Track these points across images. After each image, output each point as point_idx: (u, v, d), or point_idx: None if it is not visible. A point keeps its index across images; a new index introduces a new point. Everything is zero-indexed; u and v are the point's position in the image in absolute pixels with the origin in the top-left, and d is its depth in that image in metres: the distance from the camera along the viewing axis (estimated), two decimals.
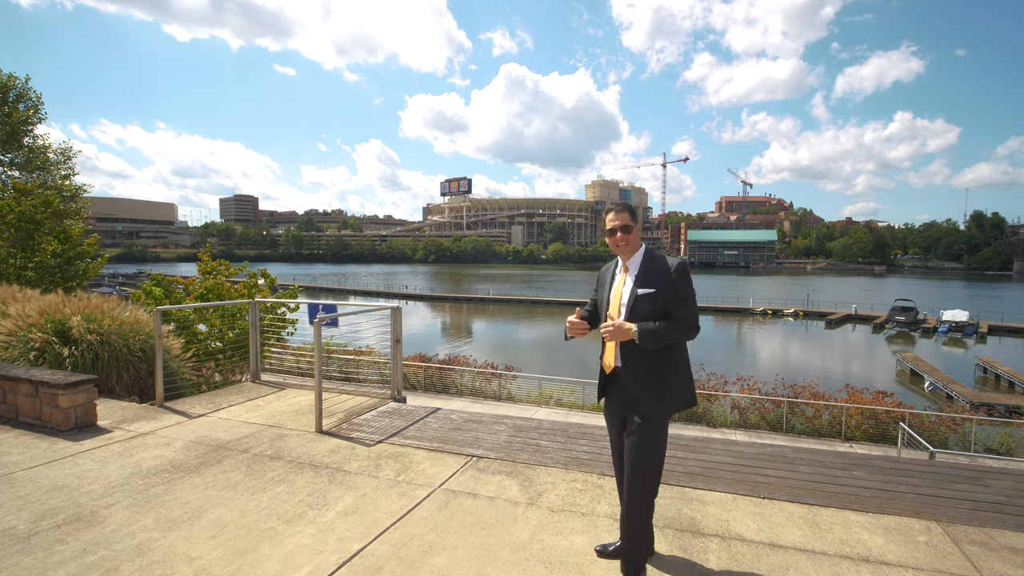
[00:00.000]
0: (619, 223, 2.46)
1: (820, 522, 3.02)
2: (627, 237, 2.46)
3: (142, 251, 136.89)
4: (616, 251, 2.50)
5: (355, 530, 2.83)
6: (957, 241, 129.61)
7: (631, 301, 2.40)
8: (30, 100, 16.16)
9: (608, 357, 2.50)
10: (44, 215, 11.63)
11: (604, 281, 2.59)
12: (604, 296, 2.53)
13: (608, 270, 2.62)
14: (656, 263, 2.43)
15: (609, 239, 2.50)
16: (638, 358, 2.39)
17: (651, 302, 2.37)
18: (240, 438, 4.25)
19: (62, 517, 2.95)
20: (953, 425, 11.61)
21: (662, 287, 2.37)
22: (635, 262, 2.48)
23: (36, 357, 5.46)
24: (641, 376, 2.39)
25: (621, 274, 2.51)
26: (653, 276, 2.40)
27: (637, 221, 2.49)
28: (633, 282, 2.43)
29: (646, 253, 2.48)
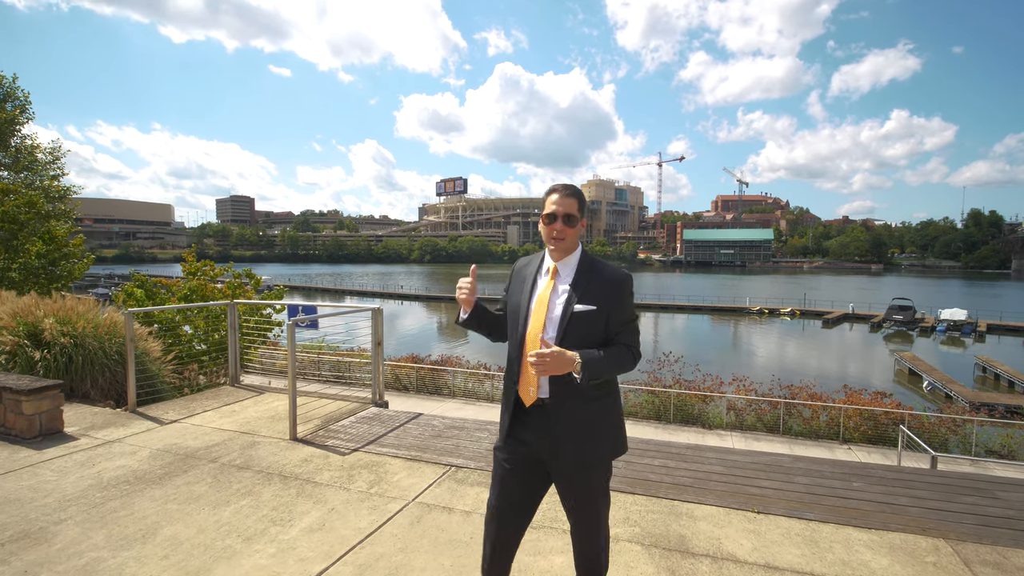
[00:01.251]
0: (562, 209, 1.86)
1: (819, 540, 2.82)
2: (568, 230, 1.87)
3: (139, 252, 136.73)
4: (550, 245, 1.91)
5: (318, 549, 2.64)
6: (954, 239, 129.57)
7: (564, 318, 1.83)
8: (17, 100, 15.95)
9: (527, 384, 1.87)
10: (28, 215, 11.45)
11: (522, 282, 1.97)
12: (522, 303, 1.91)
13: (528, 267, 2.00)
14: (597, 271, 1.89)
15: (545, 228, 1.90)
16: (568, 389, 1.83)
17: (590, 322, 1.83)
18: (210, 446, 4.06)
19: (9, 534, 2.76)
20: (953, 426, 11.45)
21: (605, 304, 1.84)
22: (569, 266, 1.91)
23: (7, 361, 5.27)
24: (575, 413, 1.85)
25: (548, 279, 1.91)
26: (595, 288, 1.85)
27: (584, 214, 1.92)
28: (567, 293, 1.85)
29: (583, 256, 1.92)
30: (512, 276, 2.04)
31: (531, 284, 1.93)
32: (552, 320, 1.84)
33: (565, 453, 1.84)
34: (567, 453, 1.84)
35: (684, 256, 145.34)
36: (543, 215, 1.91)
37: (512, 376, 1.92)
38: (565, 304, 1.84)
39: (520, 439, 1.92)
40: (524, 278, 1.97)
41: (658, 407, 12.84)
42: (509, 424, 1.93)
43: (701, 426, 12.42)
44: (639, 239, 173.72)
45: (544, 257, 1.98)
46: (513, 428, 1.93)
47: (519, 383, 1.89)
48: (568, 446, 1.84)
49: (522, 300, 1.92)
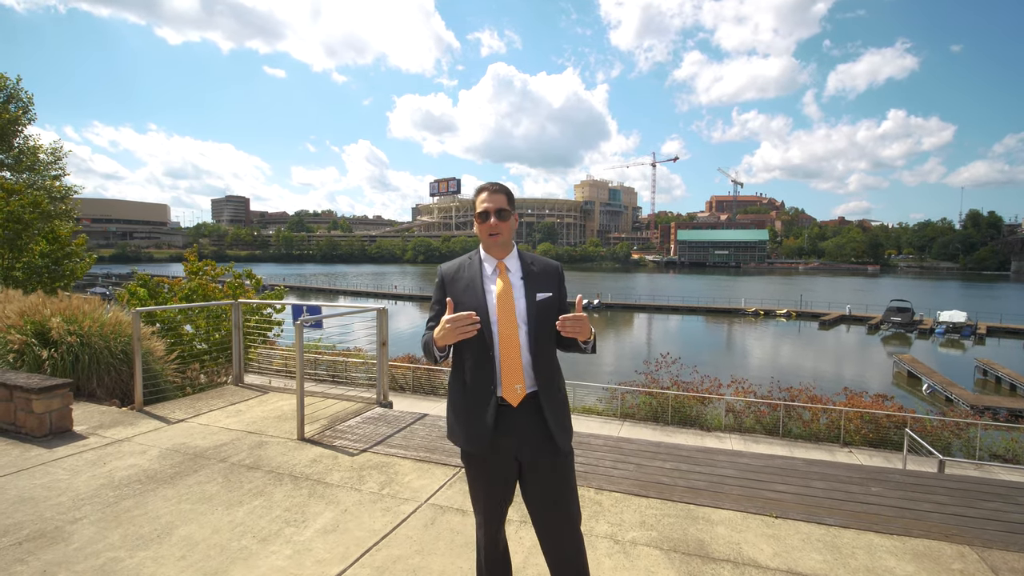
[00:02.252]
0: (493, 205, 1.90)
1: (841, 546, 2.80)
2: (503, 225, 1.91)
3: (136, 252, 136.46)
4: (488, 242, 1.94)
5: (335, 551, 2.66)
6: (953, 240, 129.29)
7: (532, 309, 1.88)
8: (20, 100, 15.96)
9: (512, 382, 1.85)
10: (32, 215, 11.50)
11: (467, 286, 1.93)
12: (480, 306, 1.87)
13: (465, 271, 1.97)
14: (538, 262, 2.00)
15: (480, 227, 1.94)
16: (552, 378, 1.93)
17: (550, 309, 1.91)
18: (219, 446, 4.08)
19: (26, 533, 2.79)
20: (957, 430, 11.42)
21: (556, 290, 1.96)
22: (514, 260, 1.97)
23: (15, 359, 5.29)
24: (555, 402, 1.92)
25: (500, 277, 1.92)
26: (543, 277, 1.95)
27: (514, 208, 1.97)
28: (523, 285, 1.91)
29: (520, 251, 2.02)
30: (445, 285, 1.98)
31: (480, 286, 1.91)
32: (520, 313, 1.87)
33: (561, 443, 1.89)
34: (563, 443, 1.89)
35: (678, 257, 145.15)
36: (476, 215, 1.95)
37: (487, 379, 1.88)
38: (527, 296, 1.89)
39: (500, 442, 1.88)
40: (466, 284, 1.94)
41: (656, 408, 12.85)
42: (493, 427, 1.86)
43: (699, 428, 12.43)
44: (633, 240, 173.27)
45: (481, 259, 1.97)
46: (496, 431, 1.87)
47: (501, 384, 1.86)
48: (561, 436, 1.89)
49: (478, 306, 1.87)
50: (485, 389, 1.87)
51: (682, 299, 51.91)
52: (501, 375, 1.86)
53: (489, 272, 1.94)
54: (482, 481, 1.95)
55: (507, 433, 1.88)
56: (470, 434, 1.89)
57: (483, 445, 1.87)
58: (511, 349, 1.86)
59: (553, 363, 1.97)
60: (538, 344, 1.89)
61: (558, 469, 1.91)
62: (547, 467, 1.89)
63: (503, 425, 1.87)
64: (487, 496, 1.95)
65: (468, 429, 1.90)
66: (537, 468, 1.90)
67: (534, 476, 1.90)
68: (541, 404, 1.88)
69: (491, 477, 1.93)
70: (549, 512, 1.91)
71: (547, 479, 1.90)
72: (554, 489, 1.90)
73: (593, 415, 13.19)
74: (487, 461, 1.91)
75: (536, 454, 1.88)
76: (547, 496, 1.90)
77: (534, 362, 1.88)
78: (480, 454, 1.91)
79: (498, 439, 1.87)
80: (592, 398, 14.55)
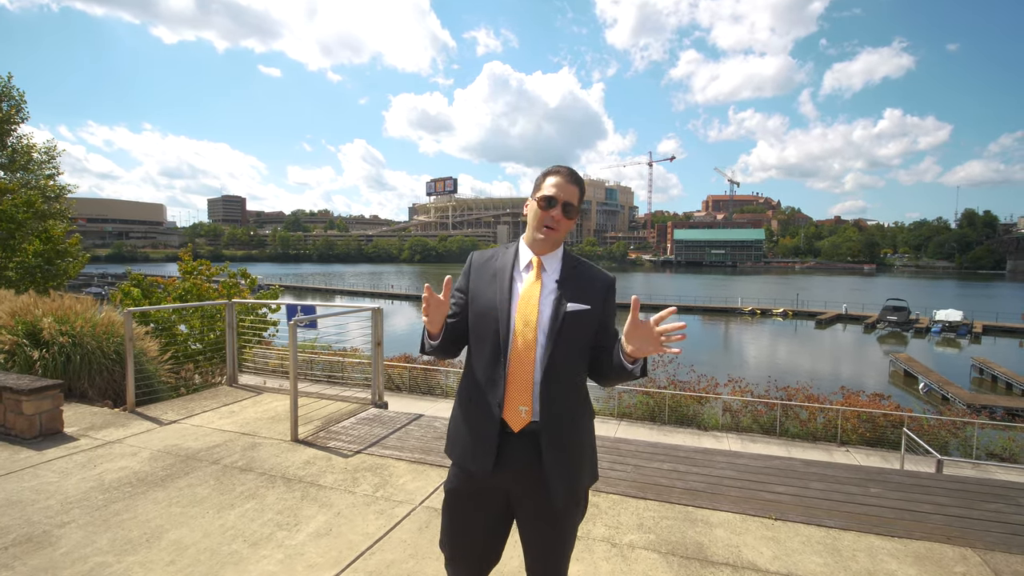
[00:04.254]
0: (564, 195, 1.60)
1: (842, 548, 2.77)
2: (565, 222, 1.61)
3: (131, 251, 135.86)
4: (538, 234, 1.62)
5: (327, 555, 2.62)
6: (948, 240, 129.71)
7: (557, 319, 1.56)
8: (12, 99, 15.84)
9: (517, 403, 1.56)
10: (26, 215, 11.42)
11: (492, 278, 1.65)
12: (500, 304, 1.60)
13: (496, 261, 1.68)
14: (586, 268, 1.67)
15: (539, 213, 1.61)
16: (562, 409, 1.59)
17: (582, 325, 1.59)
18: (211, 447, 4.03)
19: (12, 537, 2.73)
20: (954, 429, 11.43)
21: (599, 305, 1.62)
22: (554, 261, 1.66)
23: (6, 360, 5.23)
24: (566, 436, 1.59)
25: (533, 275, 1.62)
26: (585, 286, 1.62)
27: (580, 207, 1.66)
28: (556, 290, 1.60)
29: (567, 252, 1.70)
30: (471, 272, 1.69)
31: (508, 281, 1.62)
32: (542, 322, 1.57)
33: (556, 488, 1.55)
34: (557, 487, 1.55)
35: (674, 256, 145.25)
36: (539, 198, 1.61)
37: (491, 395, 1.57)
38: (556, 303, 1.58)
39: (498, 475, 1.58)
40: (494, 274, 1.65)
41: (652, 408, 12.85)
42: (497, 455, 1.56)
43: (696, 427, 12.43)
44: (629, 239, 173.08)
45: (519, 250, 1.68)
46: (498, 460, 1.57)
47: (504, 403, 1.56)
48: (559, 478, 1.56)
49: (498, 300, 1.60)
50: (490, 405, 1.58)
51: (679, 298, 51.96)
52: (507, 392, 1.56)
53: (523, 266, 1.65)
54: (459, 523, 1.65)
55: (504, 464, 1.57)
56: (471, 453, 1.61)
57: (481, 470, 1.57)
58: (523, 362, 1.56)
59: (574, 392, 1.63)
60: (555, 362, 1.56)
61: (557, 524, 1.60)
62: (540, 514, 1.60)
63: (503, 453, 1.58)
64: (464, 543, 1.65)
65: (468, 447, 1.62)
66: (529, 513, 1.61)
67: (526, 520, 1.63)
68: (541, 442, 1.55)
69: (477, 510, 1.63)
70: (536, 561, 1.66)
71: (540, 526, 1.61)
72: (543, 540, 1.62)
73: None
74: (477, 491, 1.62)
75: (529, 496, 1.59)
76: (535, 546, 1.63)
77: (546, 383, 1.56)
78: (465, 482, 1.62)
79: (496, 468, 1.58)
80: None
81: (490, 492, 1.62)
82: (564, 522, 1.61)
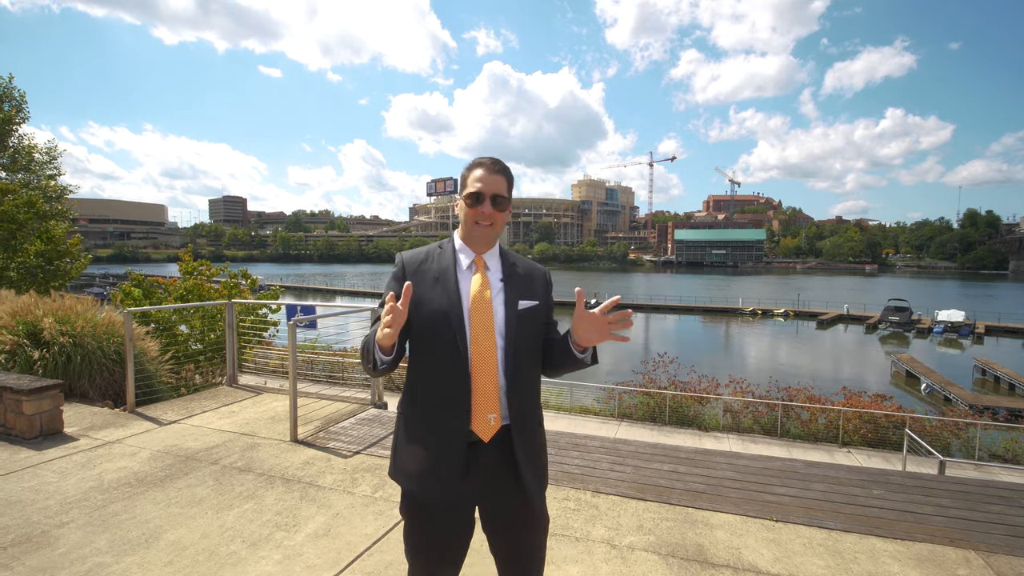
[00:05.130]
0: (491, 188, 1.53)
1: (843, 550, 2.76)
2: (498, 215, 1.55)
3: (133, 252, 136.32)
4: (473, 232, 1.56)
5: (326, 556, 2.61)
6: (951, 240, 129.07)
7: (512, 318, 1.53)
8: (14, 100, 15.88)
9: (485, 411, 1.49)
10: (27, 215, 11.45)
11: (434, 281, 1.55)
12: (451, 309, 1.50)
13: (433, 263, 1.58)
14: (522, 262, 1.65)
15: (468, 211, 1.55)
16: (532, 410, 1.59)
17: (535, 320, 1.58)
18: (210, 447, 4.03)
19: (11, 537, 2.73)
20: (956, 430, 11.36)
21: (544, 298, 1.62)
22: (494, 257, 1.62)
23: (6, 360, 5.24)
24: (533, 438, 1.59)
25: (477, 273, 1.56)
26: (529, 282, 1.61)
27: (511, 195, 1.61)
28: (503, 287, 1.56)
29: (501, 249, 1.67)
30: (406, 276, 1.56)
31: (454, 283, 1.53)
32: (498, 324, 1.51)
33: (533, 492, 1.55)
34: (535, 492, 1.56)
35: (675, 256, 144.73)
36: (465, 195, 1.56)
37: (455, 408, 1.49)
38: (507, 302, 1.54)
39: (462, 488, 1.51)
40: (436, 277, 1.55)
41: (653, 408, 12.82)
42: (462, 469, 1.50)
43: (697, 428, 12.40)
44: (630, 239, 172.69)
45: (455, 250, 1.60)
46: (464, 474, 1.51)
47: (471, 413, 1.49)
48: (534, 484, 1.55)
49: (449, 305, 1.50)
50: (454, 418, 1.49)
51: (679, 299, 51.89)
52: (473, 401, 1.49)
53: (464, 266, 1.57)
54: (427, 536, 1.57)
55: (472, 475, 1.51)
56: (432, 475, 1.50)
57: (447, 490, 1.49)
58: (486, 368, 1.49)
59: (535, 390, 1.64)
60: (516, 364, 1.53)
61: (529, 524, 1.60)
62: (515, 520, 1.58)
63: (469, 465, 1.51)
64: (435, 555, 1.57)
65: (429, 469, 1.50)
66: (502, 520, 1.59)
67: (499, 527, 1.60)
68: (514, 442, 1.52)
69: (442, 530, 1.55)
70: (512, 566, 1.64)
71: (513, 532, 1.60)
72: (520, 544, 1.60)
73: (590, 415, 13.14)
74: (440, 510, 1.53)
75: (503, 504, 1.57)
76: (511, 552, 1.62)
77: (510, 387, 1.52)
78: (433, 497, 1.51)
79: (462, 482, 1.51)
80: (589, 398, 14.51)
81: (455, 508, 1.54)
82: (532, 520, 1.60)
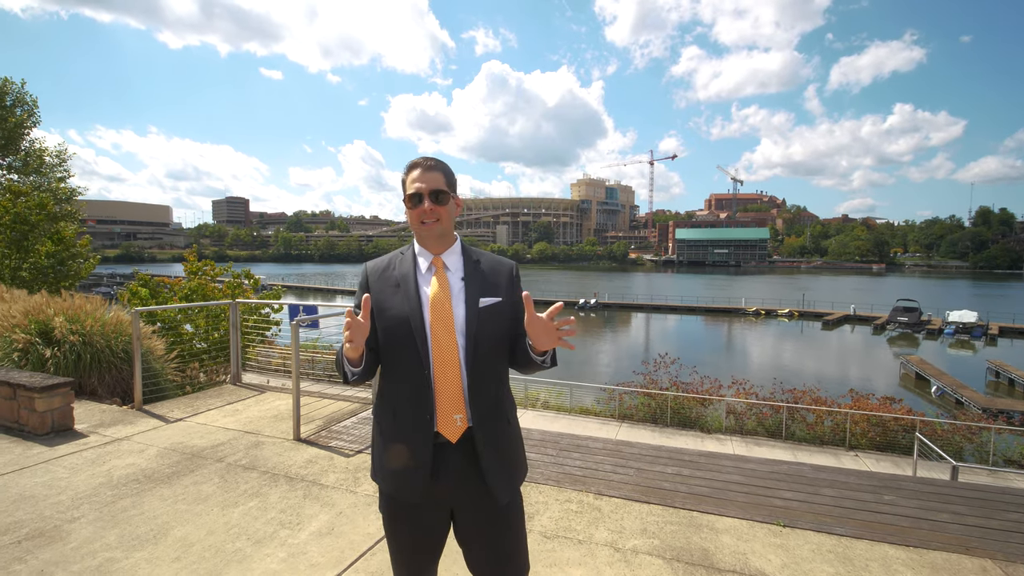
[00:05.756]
0: (427, 186, 1.54)
1: (854, 557, 2.70)
2: (440, 210, 1.56)
3: (139, 252, 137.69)
4: (422, 232, 1.57)
5: (329, 554, 2.66)
6: (962, 238, 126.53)
7: (474, 317, 1.53)
8: (25, 104, 16.13)
9: (450, 412, 1.52)
10: (39, 217, 11.65)
11: (395, 288, 1.58)
12: (412, 314, 1.53)
13: (394, 269, 1.62)
14: (485, 258, 1.64)
15: (411, 212, 1.57)
16: (493, 410, 1.58)
17: (498, 318, 1.56)
18: (216, 445, 4.10)
19: (25, 532, 2.81)
20: (968, 434, 11.12)
21: (508, 294, 1.59)
22: (454, 255, 1.62)
23: (19, 358, 5.35)
24: (499, 437, 1.58)
25: (436, 275, 1.58)
26: (491, 278, 1.60)
27: (454, 189, 1.62)
28: (464, 287, 1.57)
29: (463, 244, 1.68)
30: (369, 285, 1.61)
31: (414, 287, 1.56)
32: (458, 323, 1.52)
33: (501, 493, 1.54)
34: (503, 493, 1.55)
35: (676, 256, 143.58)
36: (406, 197, 1.57)
37: (420, 409, 1.51)
38: (468, 301, 1.54)
39: (434, 488, 1.53)
40: (397, 283, 1.58)
41: (655, 410, 12.77)
42: (432, 470, 1.51)
43: (700, 430, 12.33)
44: (630, 239, 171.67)
45: (415, 253, 1.62)
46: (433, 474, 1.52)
47: (436, 415, 1.51)
48: (502, 484, 1.55)
49: (409, 309, 1.53)
50: (420, 420, 1.52)
51: (681, 299, 51.65)
52: (437, 402, 1.51)
53: (424, 270, 1.59)
54: (405, 535, 1.60)
55: (442, 478, 1.53)
56: (402, 477, 1.54)
57: (417, 491, 1.52)
58: (448, 369, 1.51)
59: (501, 388, 1.62)
60: (479, 363, 1.53)
61: (501, 521, 1.58)
62: (488, 520, 1.57)
63: (439, 467, 1.53)
64: (412, 551, 1.61)
65: (400, 471, 1.54)
66: (475, 521, 1.58)
67: (472, 530, 1.59)
68: (476, 442, 1.53)
69: (419, 529, 1.59)
70: (492, 569, 1.62)
71: (488, 533, 1.58)
72: (497, 545, 1.59)
73: (591, 416, 13.14)
74: (416, 509, 1.56)
75: (474, 504, 1.56)
76: (490, 553, 1.60)
77: (474, 386, 1.53)
78: (408, 501, 1.55)
79: (432, 484, 1.53)
80: (590, 399, 14.50)
81: (430, 509, 1.57)
82: (511, 518, 1.60)
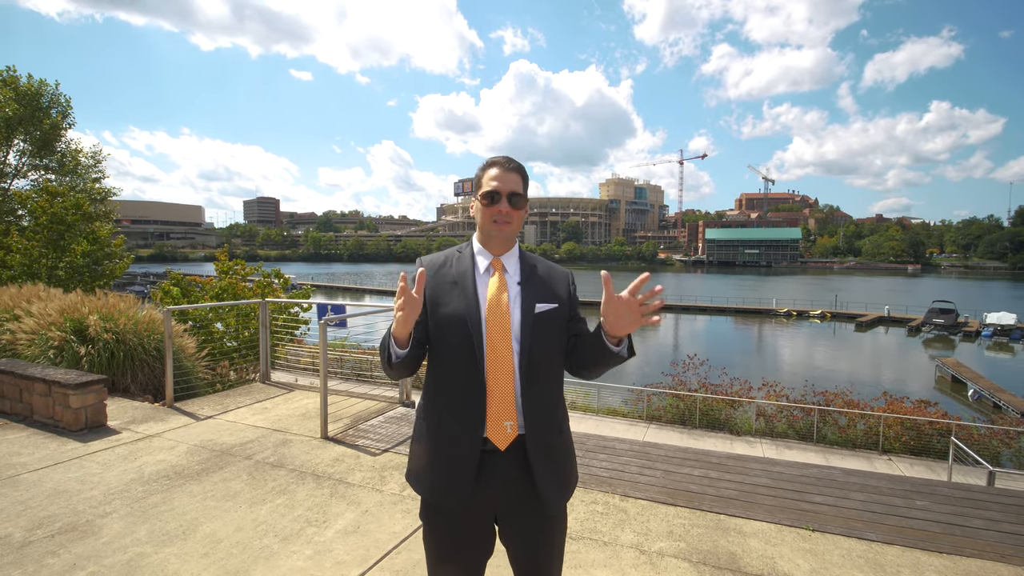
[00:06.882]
0: (506, 187, 1.50)
1: (885, 563, 2.63)
2: (515, 213, 1.51)
3: (172, 251, 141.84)
4: (491, 232, 1.52)
5: (355, 552, 2.64)
6: (1000, 238, 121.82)
7: (528, 322, 1.47)
8: (60, 106, 16.72)
9: (501, 418, 1.45)
10: (75, 217, 12.01)
11: (452, 286, 1.51)
12: (468, 313, 1.46)
13: (451, 267, 1.55)
14: (542, 264, 1.60)
15: (484, 210, 1.52)
16: (546, 418, 1.51)
17: (554, 324, 1.51)
18: (244, 443, 4.13)
19: (58, 526, 2.85)
20: (1006, 439, 10.75)
21: (565, 301, 1.55)
22: (512, 259, 1.57)
23: (55, 355, 5.51)
24: (553, 445, 1.52)
25: (494, 276, 1.52)
26: (548, 282, 1.56)
27: (527, 193, 1.57)
28: (520, 291, 1.51)
29: (521, 251, 1.62)
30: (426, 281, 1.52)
31: (472, 286, 1.50)
32: (515, 328, 1.47)
33: (553, 504, 1.49)
34: (555, 503, 1.50)
35: (706, 256, 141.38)
36: (480, 195, 1.52)
37: (471, 414, 1.45)
38: (524, 305, 1.49)
39: (478, 496, 1.46)
40: (454, 280, 1.52)
41: (683, 411, 12.57)
42: (476, 477, 1.45)
43: (728, 432, 12.09)
44: (659, 239, 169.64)
45: (474, 252, 1.57)
46: (477, 481, 1.46)
47: (487, 421, 1.44)
48: (554, 495, 1.49)
49: (466, 308, 1.47)
50: (469, 425, 1.45)
51: (710, 299, 50.76)
52: (488, 407, 1.44)
53: (482, 269, 1.54)
54: (447, 544, 1.51)
55: (489, 485, 1.46)
56: (443, 483, 1.47)
57: (462, 498, 1.45)
58: (501, 373, 1.44)
59: (555, 396, 1.57)
60: (533, 370, 1.48)
61: (546, 533, 1.53)
62: (533, 530, 1.52)
63: (485, 474, 1.46)
64: (454, 563, 1.52)
65: (440, 476, 1.47)
66: (520, 530, 1.52)
67: (517, 539, 1.53)
68: (528, 451, 1.46)
69: (462, 540, 1.51)
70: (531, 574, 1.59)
71: (531, 544, 1.53)
72: (536, 556, 1.54)
73: (618, 417, 12.99)
74: (458, 517, 1.49)
75: (521, 514, 1.50)
76: (530, 564, 1.55)
77: (527, 392, 1.47)
78: (450, 508, 1.48)
79: (477, 491, 1.46)
80: (617, 400, 14.35)
81: (475, 517, 1.50)
82: (555, 533, 1.55)
